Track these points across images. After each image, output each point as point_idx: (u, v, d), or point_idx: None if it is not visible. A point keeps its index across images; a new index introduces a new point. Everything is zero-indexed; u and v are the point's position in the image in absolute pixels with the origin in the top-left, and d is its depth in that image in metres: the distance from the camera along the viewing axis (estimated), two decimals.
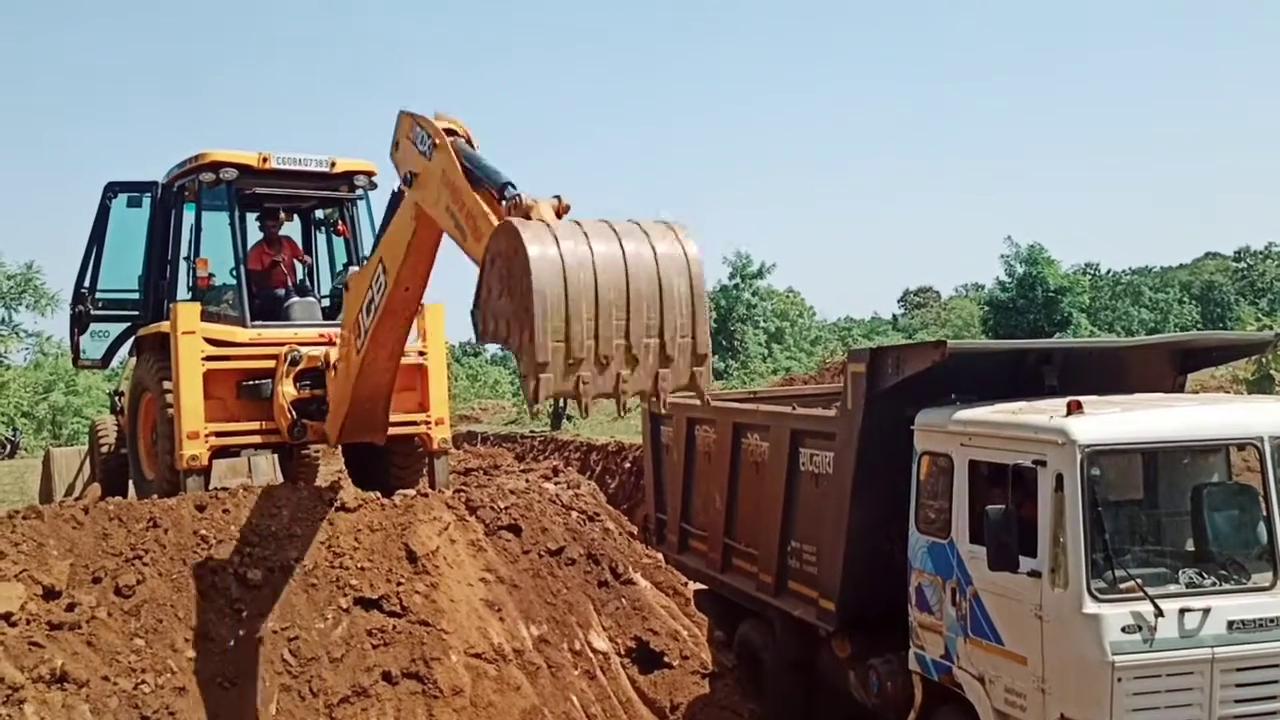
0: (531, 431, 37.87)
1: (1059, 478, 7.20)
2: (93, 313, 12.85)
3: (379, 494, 10.71)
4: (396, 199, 9.06)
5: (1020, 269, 54.12)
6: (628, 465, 25.05)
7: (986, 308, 58.55)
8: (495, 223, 6.92)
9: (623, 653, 10.34)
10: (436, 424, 11.73)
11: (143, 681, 8.14)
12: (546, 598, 10.36)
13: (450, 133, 7.98)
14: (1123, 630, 6.93)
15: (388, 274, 9.10)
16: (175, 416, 10.83)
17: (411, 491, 11.07)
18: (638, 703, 10.01)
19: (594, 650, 10.22)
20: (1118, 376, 9.02)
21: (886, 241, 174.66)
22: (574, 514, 11.26)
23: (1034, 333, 48.25)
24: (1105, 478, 7.27)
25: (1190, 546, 7.66)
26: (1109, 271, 75.73)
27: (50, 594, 8.49)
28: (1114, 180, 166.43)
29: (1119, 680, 6.89)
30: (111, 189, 12.62)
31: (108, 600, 8.71)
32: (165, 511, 9.72)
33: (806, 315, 69.19)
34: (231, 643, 9.05)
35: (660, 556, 12.10)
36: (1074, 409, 7.38)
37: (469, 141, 8.03)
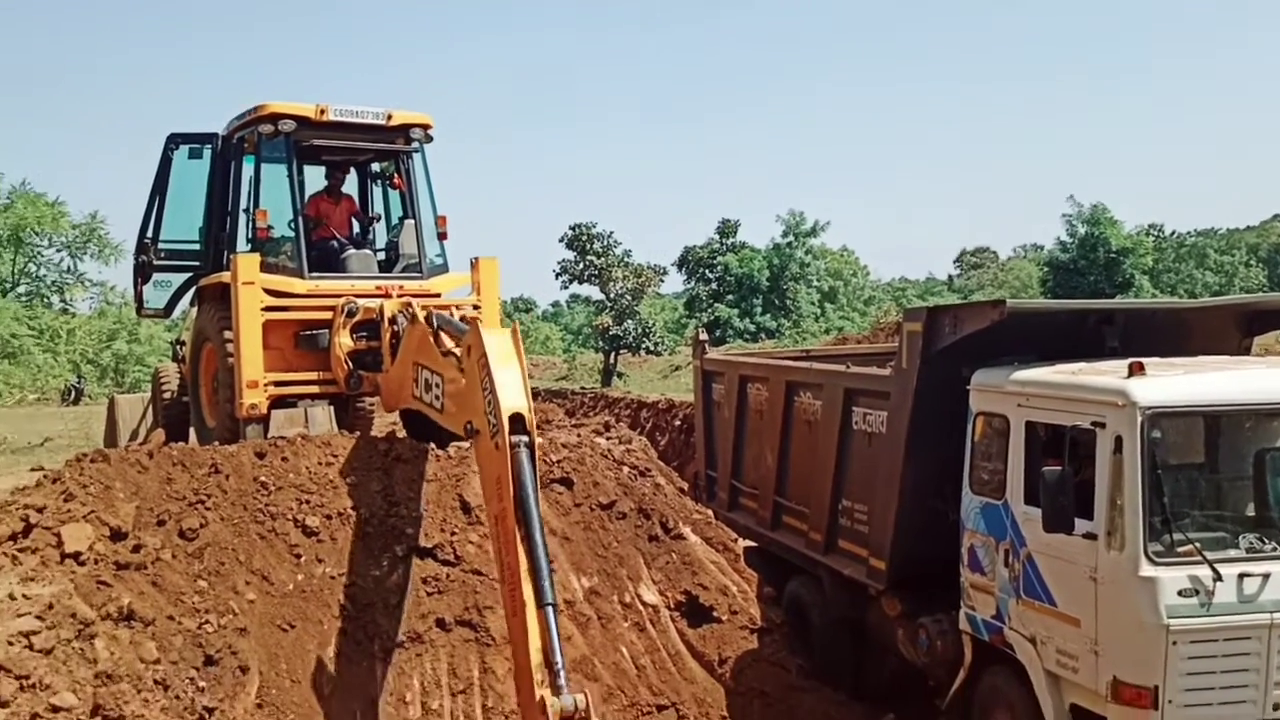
0: (582, 388, 38.09)
1: (1118, 440, 7.12)
2: (155, 263, 13.07)
3: (434, 445, 10.83)
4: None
5: (1082, 229, 53.23)
6: (678, 423, 25.09)
7: (1046, 269, 57.70)
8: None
9: (672, 606, 10.43)
10: None
11: (206, 621, 8.34)
12: (597, 550, 10.46)
13: (517, 420, 7.47)
14: (1179, 594, 6.87)
15: (443, 411, 9.11)
16: (235, 366, 11.02)
17: (465, 444, 11.16)
18: (686, 655, 10.10)
19: (644, 603, 10.32)
20: (1181, 339, 8.87)
21: (944, 200, 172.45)
22: (625, 469, 11.32)
23: (1094, 295, 47.49)
24: (1166, 440, 7.18)
25: (1251, 512, 7.55)
26: (1173, 233, 74.25)
27: (117, 535, 8.70)
28: (1180, 139, 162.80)
29: (1174, 644, 6.84)
30: (173, 140, 12.78)
31: (172, 542, 8.91)
32: (226, 458, 9.91)
33: (860, 275, 68.64)
34: (290, 586, 9.24)
35: (710, 512, 12.15)
36: (1136, 370, 7.28)
37: (533, 442, 7.52)
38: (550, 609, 6.94)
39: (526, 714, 7.00)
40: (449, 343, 9.20)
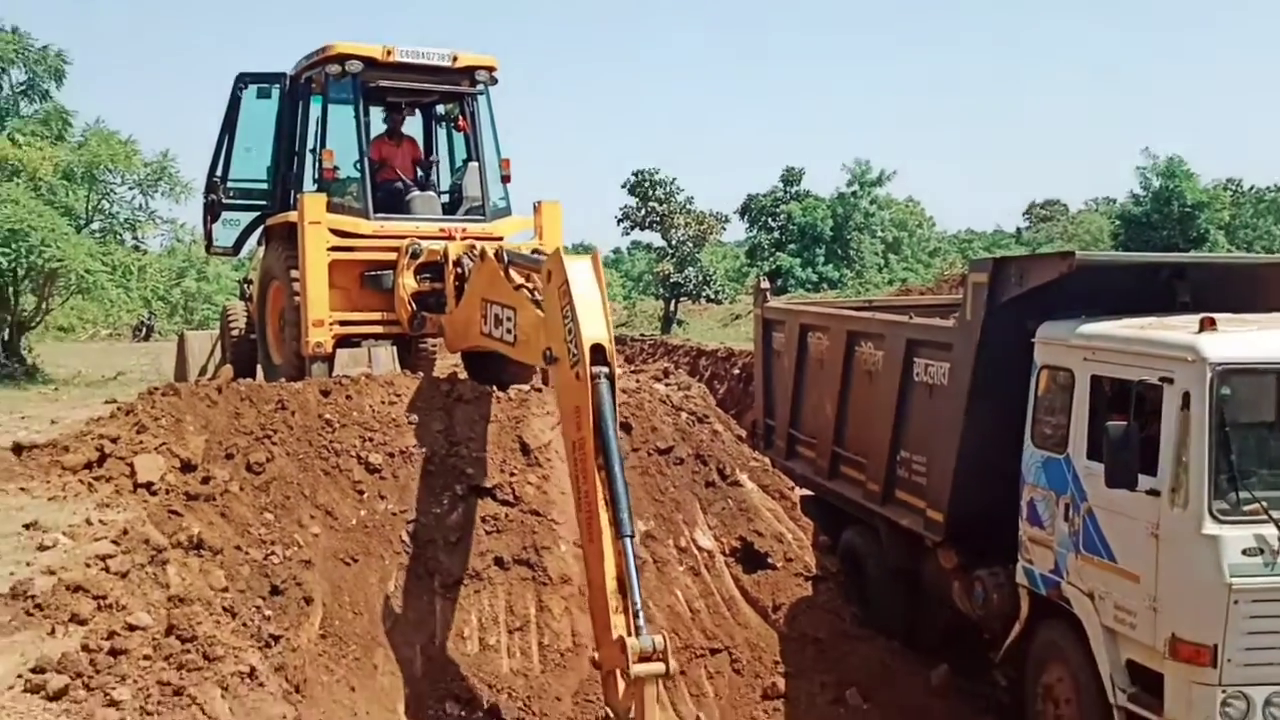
0: (642, 335, 38.13)
1: (1186, 396, 7.02)
2: (224, 201, 13.26)
3: (495, 388, 10.94)
4: (535, 262, 8.88)
5: (1156, 182, 51.84)
6: (736, 371, 25.06)
7: (1118, 222, 56.38)
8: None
9: (727, 552, 10.49)
10: None
11: (272, 553, 8.55)
12: (654, 495, 10.53)
13: (598, 351, 7.50)
14: (1243, 553, 6.80)
15: (516, 343, 9.24)
16: (301, 304, 11.18)
17: (526, 387, 11.28)
18: (740, 601, 10.18)
19: (699, 548, 10.39)
20: (1256, 296, 8.68)
21: (1014, 151, 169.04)
22: (683, 415, 11.36)
23: (1167, 250, 46.30)
24: (1235, 398, 7.05)
25: None
26: (1252, 188, 72.00)
27: (187, 467, 8.94)
28: (1262, 90, 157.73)
29: (1235, 603, 6.78)
30: (242, 80, 12.91)
31: (239, 475, 9.13)
32: (292, 395, 10.10)
33: (926, 226, 67.57)
34: (353, 522, 9.43)
35: (767, 460, 12.17)
36: (1207, 326, 7.16)
37: (613, 373, 7.60)
38: (628, 540, 7.11)
39: (601, 639, 7.24)
40: (518, 278, 9.27)
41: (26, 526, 7.42)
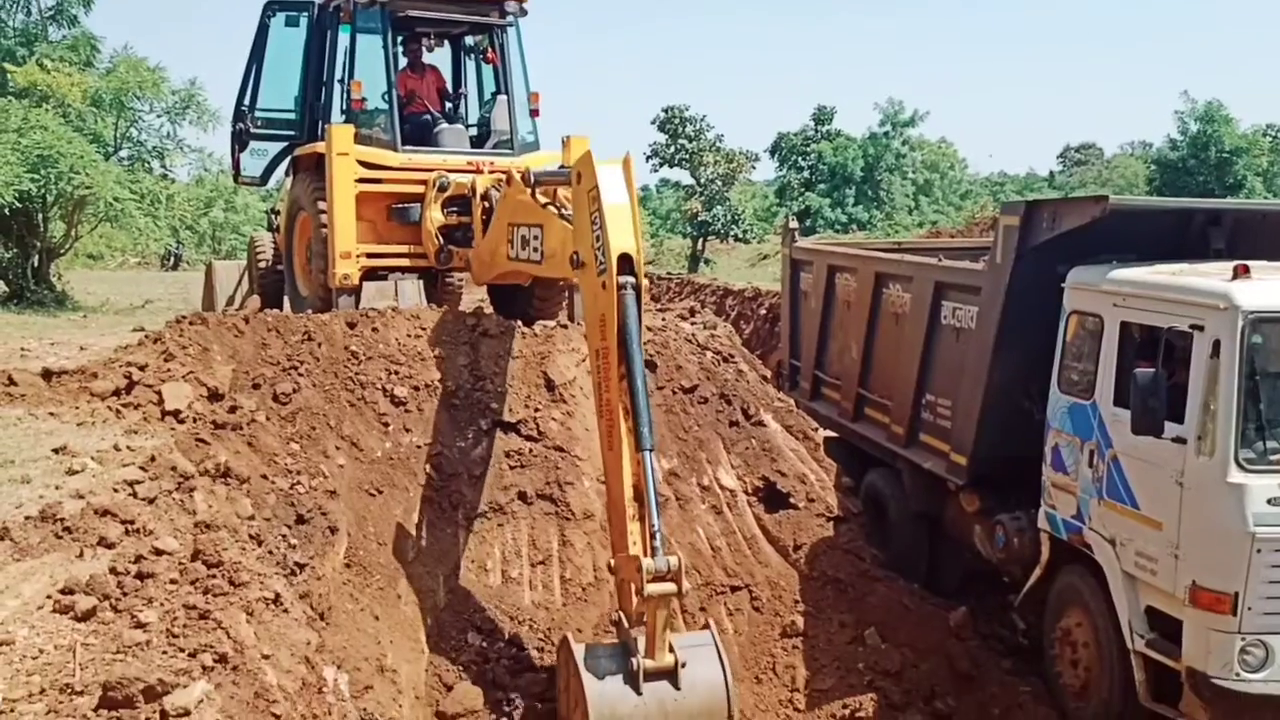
0: (669, 273, 38.02)
1: (1216, 344, 6.94)
2: (252, 131, 13.20)
3: (520, 323, 10.95)
4: (566, 175, 8.75)
5: (1194, 127, 50.96)
6: (763, 311, 25.00)
7: (1154, 167, 55.57)
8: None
9: (750, 491, 10.52)
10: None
11: (297, 482, 8.63)
12: (678, 433, 10.55)
13: (625, 261, 7.54)
14: (1268, 502, 6.76)
15: (544, 260, 9.21)
16: (329, 236, 11.18)
17: (551, 323, 11.29)
18: (761, 540, 10.22)
19: (722, 487, 10.42)
20: None
21: (1049, 94, 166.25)
22: (709, 354, 11.34)
23: (1203, 196, 45.71)
24: (1267, 346, 6.97)
25: None
26: None
27: (214, 396, 9.02)
28: None
29: (1258, 551, 6.76)
30: (270, 7, 12.78)
31: (266, 405, 9.20)
32: (319, 326, 10.14)
33: (958, 168, 66.76)
34: (378, 453, 9.51)
35: (791, 401, 12.16)
36: (1240, 273, 7.06)
37: (640, 284, 7.62)
38: (647, 454, 7.25)
39: (617, 545, 7.48)
40: (544, 198, 9.32)
41: (56, 451, 7.52)
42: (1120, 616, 7.75)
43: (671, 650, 7.32)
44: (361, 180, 11.23)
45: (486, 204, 10.81)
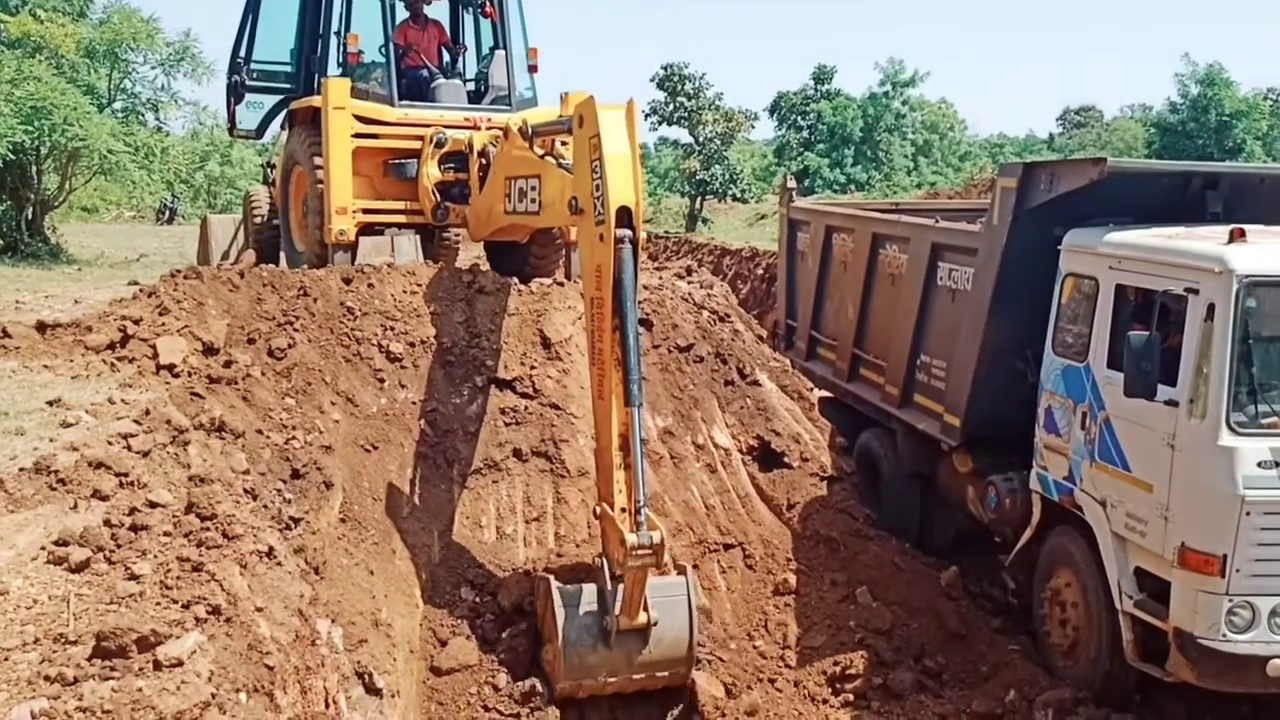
0: (666, 232, 37.94)
1: (1210, 307, 6.96)
2: (247, 83, 13.09)
3: (516, 280, 10.93)
4: (566, 124, 8.67)
5: (1194, 90, 50.65)
6: (760, 271, 24.98)
7: (1153, 130, 55.26)
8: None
9: (744, 450, 10.56)
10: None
11: (293, 437, 8.65)
12: (673, 392, 10.58)
13: (624, 213, 7.56)
14: (1258, 465, 6.80)
15: (542, 209, 9.16)
16: (325, 191, 11.11)
17: (548, 281, 11.26)
18: (755, 498, 10.28)
19: (716, 445, 10.46)
20: None
21: (1050, 55, 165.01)
22: (705, 313, 11.34)
23: (1202, 159, 45.55)
24: (1261, 310, 6.98)
25: None
26: None
27: (209, 350, 9.00)
28: None
29: (1247, 514, 6.81)
30: None
31: (261, 360, 9.20)
32: (315, 281, 10.11)
33: (958, 129, 66.34)
34: (374, 409, 9.52)
35: (787, 361, 12.18)
36: (1236, 237, 7.06)
37: (637, 238, 7.64)
38: (635, 410, 7.48)
39: (604, 492, 7.77)
40: (541, 149, 9.31)
41: (50, 403, 7.51)
42: (1109, 577, 7.81)
43: (646, 609, 7.82)
44: (358, 135, 11.14)
45: (484, 160, 10.74)
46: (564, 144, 9.06)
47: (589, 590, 8.08)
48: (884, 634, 9.06)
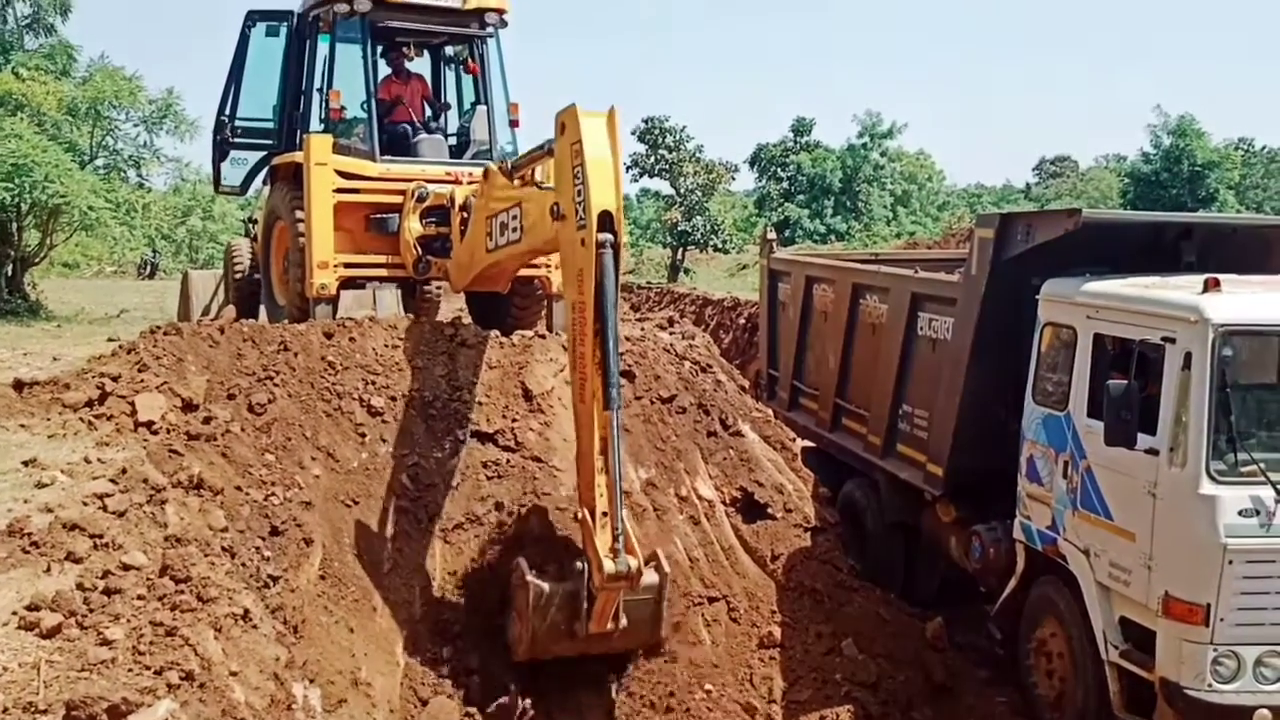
0: (649, 283, 38.05)
1: (1188, 356, 7.00)
2: (232, 140, 13.14)
3: (498, 333, 10.92)
4: (547, 147, 8.78)
5: (1167, 141, 51.43)
6: (742, 321, 25.03)
7: (1127, 180, 56.03)
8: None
9: (728, 502, 10.52)
10: (557, 269, 11.84)
11: (272, 494, 8.57)
12: (656, 443, 10.54)
13: (605, 218, 7.71)
14: (1239, 513, 6.81)
15: (524, 234, 9.27)
16: (306, 246, 11.12)
17: (530, 332, 11.26)
18: (739, 550, 10.22)
19: (700, 497, 10.41)
20: (1263, 257, 8.64)
21: (1025, 106, 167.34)
22: (687, 364, 11.34)
23: (1176, 209, 46.05)
24: (1237, 359, 7.03)
25: None
26: (1264, 148, 71.30)
27: (188, 406, 8.93)
28: (1276, 49, 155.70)
29: (1230, 563, 6.80)
30: (251, 17, 12.73)
31: (241, 416, 9.13)
32: (295, 336, 10.07)
33: (936, 179, 67.07)
34: (354, 464, 9.45)
35: (769, 411, 12.17)
36: (1211, 286, 7.12)
37: (619, 242, 7.78)
38: (614, 414, 7.62)
39: (584, 497, 7.90)
40: (520, 184, 9.46)
41: (25, 463, 7.43)
42: (1095, 627, 7.78)
43: (616, 618, 8.00)
44: (339, 190, 11.18)
45: (465, 214, 10.78)
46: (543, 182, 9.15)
47: (563, 591, 8.19)
48: (870, 687, 8.98)
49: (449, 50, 13.12)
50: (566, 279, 8.20)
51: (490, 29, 12.13)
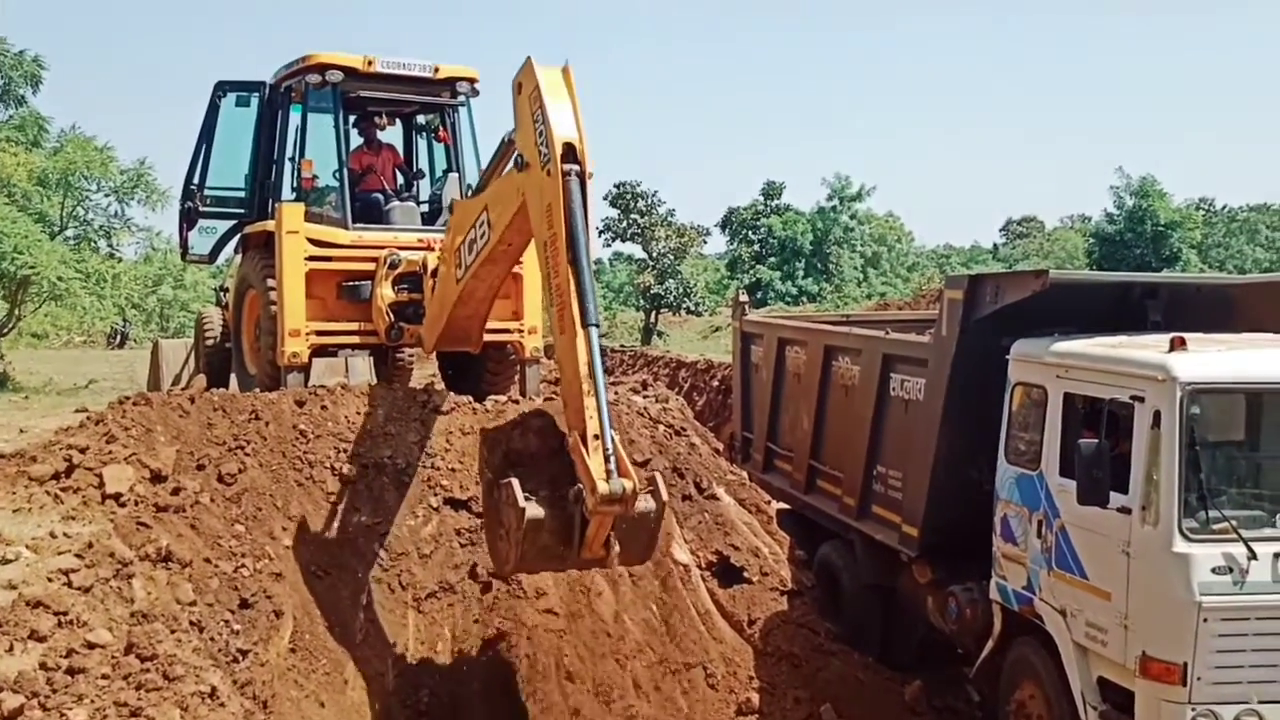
0: (622, 346, 38.09)
1: (1157, 414, 7.04)
2: (201, 209, 13.16)
3: (471, 399, 10.89)
4: (506, 145, 8.98)
5: (1130, 201, 52.35)
6: (716, 383, 25.06)
7: (1092, 240, 56.88)
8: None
9: (703, 566, 10.47)
10: (530, 333, 11.87)
11: (242, 565, 8.47)
12: None
13: (569, 150, 7.76)
14: (1212, 571, 6.81)
15: (492, 228, 9.22)
16: (278, 314, 11.11)
17: (503, 398, 11.24)
18: (716, 615, 10.16)
19: (675, 562, 10.36)
20: (1227, 315, 8.73)
21: (991, 168, 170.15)
22: (661, 427, 11.35)
23: (1140, 268, 46.73)
24: (1205, 417, 7.08)
25: None
26: (1224, 207, 72.70)
27: (157, 478, 8.84)
28: (1233, 111, 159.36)
29: (1205, 621, 6.79)
30: (221, 88, 12.83)
31: (211, 486, 9.05)
32: (267, 405, 10.03)
33: (905, 241, 67.94)
34: (326, 534, 9.37)
35: (744, 474, 12.17)
36: (1177, 345, 7.19)
37: (584, 172, 7.79)
38: (593, 329, 7.52)
39: (573, 421, 7.66)
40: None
41: None
42: (1073, 688, 7.73)
43: (608, 544, 7.65)
44: (312, 258, 11.20)
45: (435, 280, 10.80)
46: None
47: (556, 518, 7.73)
48: None
49: (420, 119, 13.23)
50: (536, 221, 8.07)
51: (462, 98, 12.26)
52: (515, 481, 7.82)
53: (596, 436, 7.45)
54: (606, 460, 7.33)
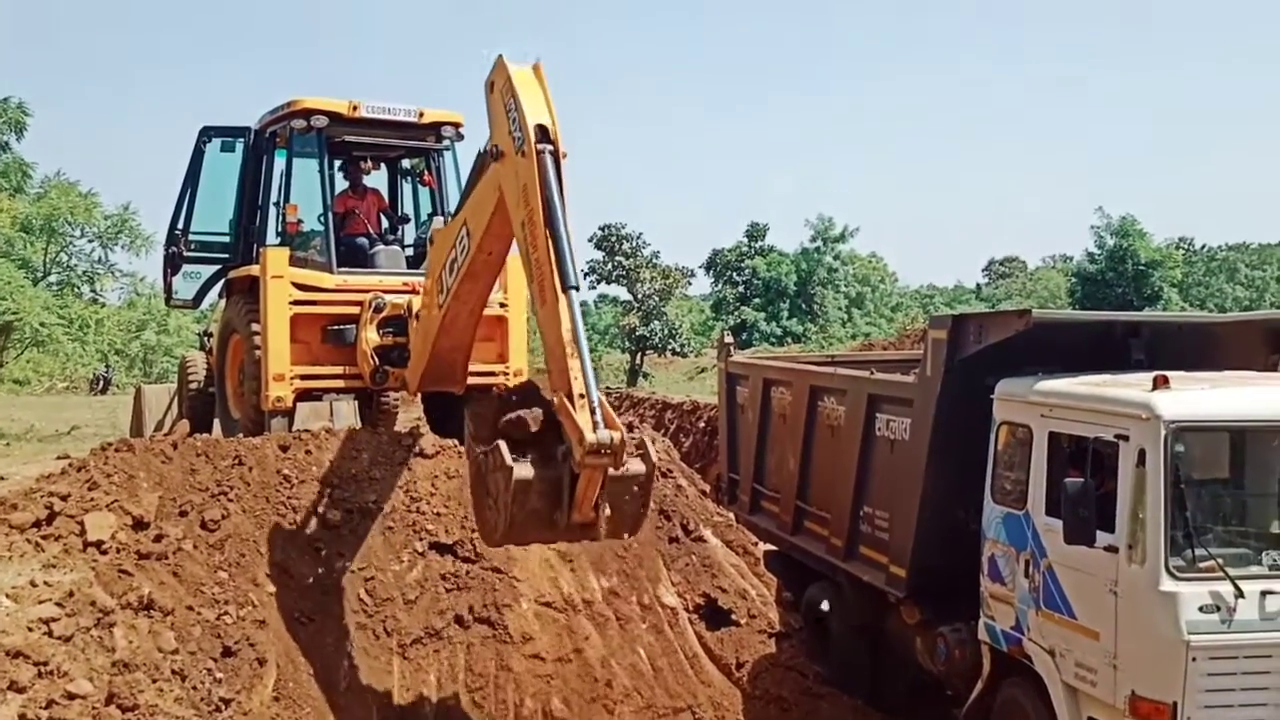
0: (608, 388, 38.06)
1: (1141, 453, 7.06)
2: (185, 254, 13.17)
3: (456, 442, 10.85)
4: (482, 158, 9.07)
5: (1111, 241, 52.90)
6: (702, 424, 25.05)
7: (1074, 280, 57.45)
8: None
9: (691, 609, 10.43)
10: (515, 375, 11.85)
11: (225, 612, 8.39)
12: (617, 551, 10.46)
13: (542, 132, 7.86)
14: (1200, 610, 6.80)
15: (471, 237, 9.23)
16: (262, 358, 11.09)
17: None
18: (704, 658, 10.10)
19: (663, 605, 10.32)
20: (1208, 354, 8.78)
21: (973, 209, 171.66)
22: None
23: (1122, 307, 47.17)
24: (1190, 455, 7.10)
25: (1275, 529, 7.46)
26: (1204, 246, 73.56)
27: (139, 525, 8.77)
28: (1212, 151, 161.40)
29: (1193, 660, 6.77)
30: (206, 133, 12.89)
31: (193, 533, 8.98)
32: (250, 450, 9.98)
33: (888, 281, 68.40)
34: (310, 580, 9.30)
35: (731, 515, 12.13)
36: (1160, 384, 7.22)
37: (557, 151, 7.88)
38: (573, 293, 7.56)
39: (557, 384, 7.60)
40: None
41: None
42: None
43: (598, 507, 7.53)
44: (296, 302, 11.20)
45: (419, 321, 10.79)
46: None
47: (545, 478, 7.58)
48: None
49: (405, 163, 13.30)
50: (513, 204, 8.11)
51: (446, 142, 12.33)
52: (503, 444, 7.66)
53: (582, 395, 7.39)
54: (593, 414, 7.29)
